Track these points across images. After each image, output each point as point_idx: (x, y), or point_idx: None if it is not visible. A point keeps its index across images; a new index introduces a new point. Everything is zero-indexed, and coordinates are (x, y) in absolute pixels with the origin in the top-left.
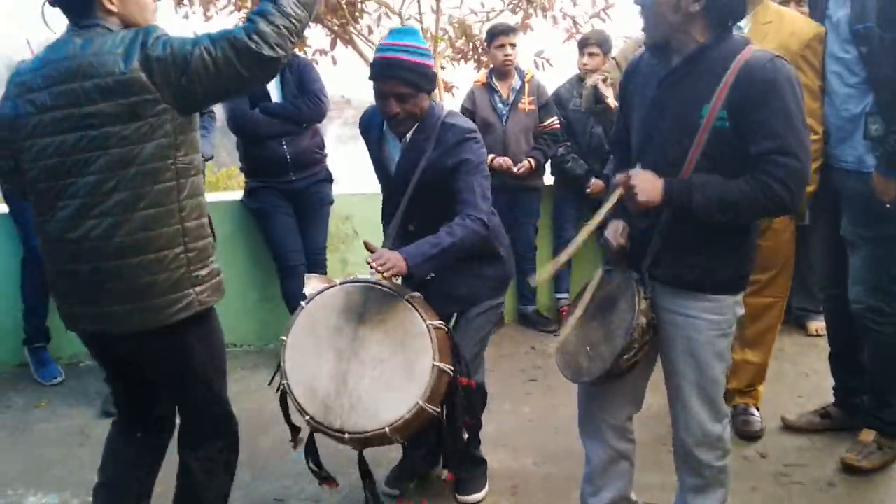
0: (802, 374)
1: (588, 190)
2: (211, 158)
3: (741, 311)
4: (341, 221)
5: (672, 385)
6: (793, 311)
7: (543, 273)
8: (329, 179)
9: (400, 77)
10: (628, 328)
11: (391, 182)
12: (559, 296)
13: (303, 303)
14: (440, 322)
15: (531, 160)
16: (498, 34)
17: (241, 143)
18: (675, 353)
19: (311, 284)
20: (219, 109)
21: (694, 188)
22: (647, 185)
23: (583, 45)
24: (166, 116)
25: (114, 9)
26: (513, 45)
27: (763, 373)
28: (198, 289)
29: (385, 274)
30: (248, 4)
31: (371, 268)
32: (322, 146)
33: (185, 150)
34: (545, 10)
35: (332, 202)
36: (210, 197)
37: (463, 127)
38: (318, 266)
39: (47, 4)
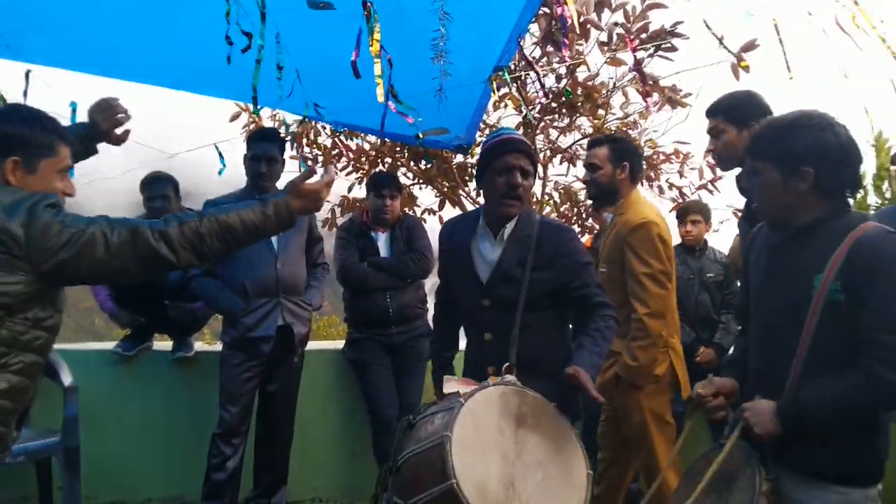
0: None
1: (697, 359)
2: (319, 308)
3: None
4: None
5: None
6: None
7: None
8: (428, 334)
9: (526, 152)
10: None
11: (487, 282)
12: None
13: (461, 399)
14: None
15: None
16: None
17: (347, 294)
18: None
19: (451, 385)
20: (331, 260)
21: (807, 411)
22: (761, 417)
23: (684, 214)
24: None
25: (14, 182)
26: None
27: None
28: None
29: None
30: (367, 167)
31: None
32: (424, 301)
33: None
34: (651, 181)
35: (429, 357)
36: (311, 345)
37: (565, 226)
38: None
39: None
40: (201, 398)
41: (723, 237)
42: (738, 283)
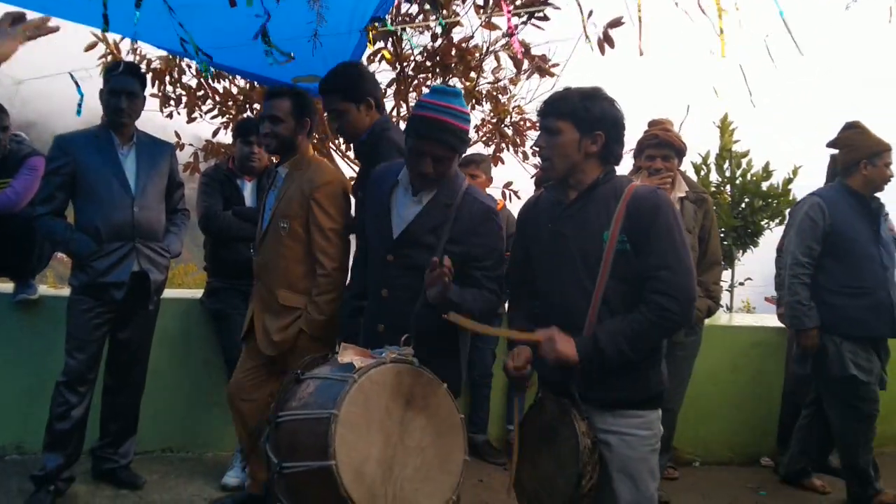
0: None
1: None
2: (178, 255)
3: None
4: None
5: None
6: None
7: (465, 323)
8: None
9: (441, 139)
10: (577, 454)
11: (397, 239)
12: (511, 427)
13: (355, 375)
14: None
15: None
16: (466, 164)
17: (209, 242)
18: (611, 474)
19: (347, 355)
20: (192, 207)
21: (604, 347)
22: (566, 348)
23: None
24: None
25: None
26: (474, 176)
27: None
28: None
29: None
30: (233, 111)
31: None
32: None
33: None
34: (517, 146)
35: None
36: (167, 294)
37: (488, 204)
38: None
39: None
40: (45, 344)
41: None
42: None
